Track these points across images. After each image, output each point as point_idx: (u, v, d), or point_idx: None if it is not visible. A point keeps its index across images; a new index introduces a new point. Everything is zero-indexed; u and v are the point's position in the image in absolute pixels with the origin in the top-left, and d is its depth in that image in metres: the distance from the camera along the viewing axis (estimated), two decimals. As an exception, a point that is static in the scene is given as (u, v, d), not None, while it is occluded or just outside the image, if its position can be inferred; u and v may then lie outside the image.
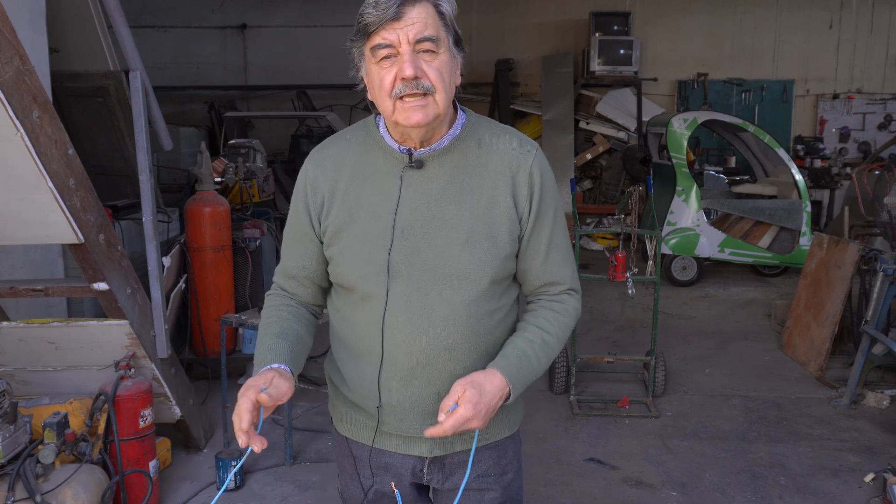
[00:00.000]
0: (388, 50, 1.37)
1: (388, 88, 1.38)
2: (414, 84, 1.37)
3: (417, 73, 1.36)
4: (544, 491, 3.44)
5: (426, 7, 1.37)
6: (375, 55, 1.38)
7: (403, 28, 1.35)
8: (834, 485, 3.51)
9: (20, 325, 3.15)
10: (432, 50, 1.38)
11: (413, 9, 1.36)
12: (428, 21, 1.37)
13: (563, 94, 9.99)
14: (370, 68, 1.42)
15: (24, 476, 2.67)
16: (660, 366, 4.50)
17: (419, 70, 1.36)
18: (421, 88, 1.37)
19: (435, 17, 1.39)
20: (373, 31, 1.36)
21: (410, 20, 1.35)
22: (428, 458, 1.58)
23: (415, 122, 1.39)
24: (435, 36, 1.38)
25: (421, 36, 1.36)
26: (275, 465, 3.64)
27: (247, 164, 6.08)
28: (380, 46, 1.37)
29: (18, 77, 2.46)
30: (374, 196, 1.49)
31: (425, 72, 1.37)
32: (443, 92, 1.40)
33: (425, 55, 1.38)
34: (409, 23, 1.35)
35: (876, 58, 10.36)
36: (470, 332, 1.48)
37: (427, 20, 1.37)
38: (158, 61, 10.04)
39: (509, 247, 1.50)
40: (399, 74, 1.37)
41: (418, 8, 1.36)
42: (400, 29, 1.35)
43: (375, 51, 1.38)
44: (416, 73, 1.36)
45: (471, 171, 1.49)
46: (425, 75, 1.37)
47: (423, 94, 1.38)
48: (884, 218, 5.24)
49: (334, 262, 1.53)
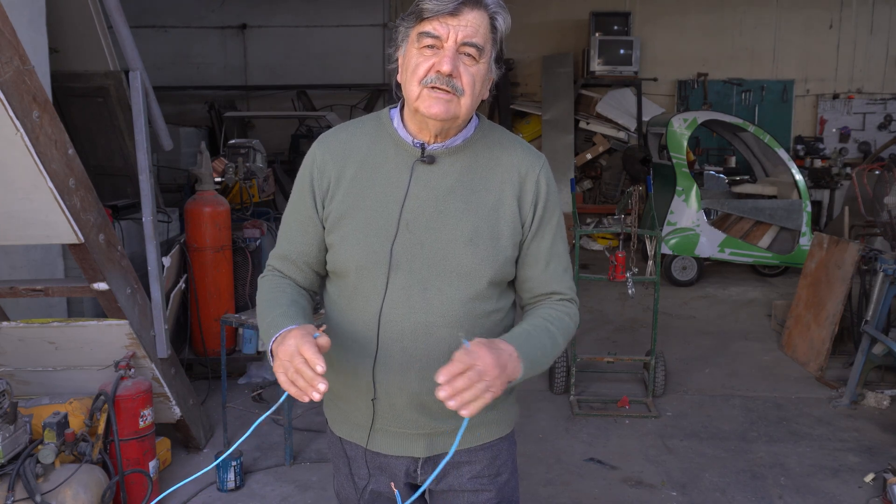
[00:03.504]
0: (434, 41, 1.39)
1: (420, 75, 1.40)
2: (446, 80, 1.39)
3: (453, 73, 1.39)
4: (544, 491, 3.44)
5: (483, 15, 1.40)
6: (420, 41, 1.40)
7: (456, 26, 1.38)
8: (834, 485, 3.51)
9: (20, 325, 3.15)
10: (474, 56, 1.40)
11: (471, 12, 1.38)
12: (480, 29, 1.39)
13: (563, 94, 9.99)
14: (410, 51, 1.44)
15: (24, 476, 2.67)
16: (660, 366, 4.50)
17: (455, 70, 1.39)
18: (451, 87, 1.39)
19: (487, 28, 1.41)
20: (426, 17, 1.38)
21: (465, 21, 1.38)
22: (421, 459, 1.58)
23: (434, 112, 1.41)
24: (482, 45, 1.40)
25: (469, 40, 1.38)
26: (275, 465, 3.64)
27: (247, 164, 6.08)
28: (427, 35, 1.39)
29: (18, 77, 2.46)
30: (382, 186, 1.49)
31: (461, 73, 1.40)
32: (469, 97, 1.42)
33: (466, 59, 1.40)
34: (462, 23, 1.38)
35: (876, 58, 10.36)
36: (467, 329, 1.48)
37: (479, 27, 1.39)
38: (158, 61, 10.04)
39: (510, 250, 1.51)
40: (436, 66, 1.39)
41: (476, 13, 1.39)
42: (452, 25, 1.38)
43: (422, 37, 1.40)
44: (451, 72, 1.38)
45: (480, 172, 1.51)
46: (460, 77, 1.40)
47: (451, 92, 1.40)
48: (884, 218, 5.23)
49: (334, 248, 1.52)
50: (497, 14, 1.42)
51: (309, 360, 1.24)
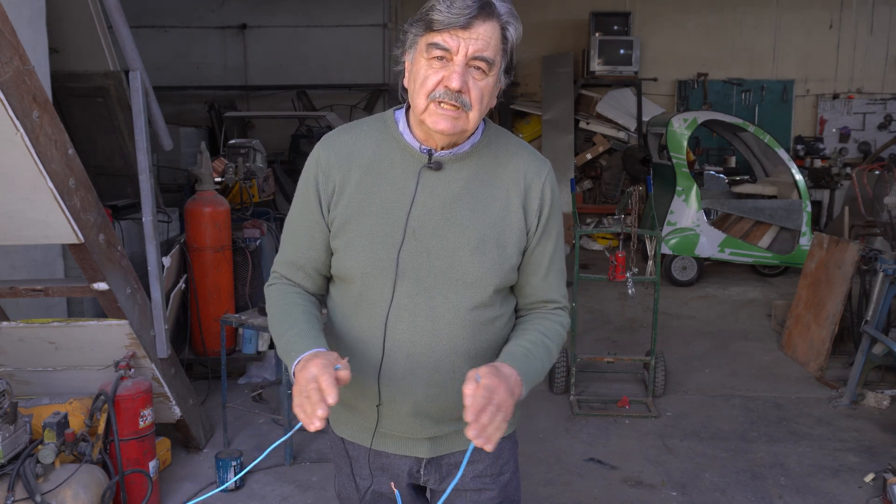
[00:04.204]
0: (443, 52, 1.37)
1: (429, 88, 1.39)
2: (455, 96, 1.37)
3: (462, 89, 1.37)
4: (544, 491, 3.44)
5: (494, 27, 1.38)
6: (430, 52, 1.38)
7: (467, 39, 1.36)
8: (834, 485, 3.51)
9: (20, 325, 3.15)
10: (483, 70, 1.39)
11: (483, 25, 1.36)
12: (491, 42, 1.37)
13: (563, 94, 9.99)
14: (418, 60, 1.42)
15: (24, 476, 2.67)
16: (660, 366, 4.50)
17: (465, 86, 1.37)
18: (459, 102, 1.38)
19: (498, 40, 1.39)
20: (437, 29, 1.36)
21: (476, 34, 1.36)
22: (424, 459, 1.58)
23: (440, 128, 1.40)
24: (492, 59, 1.38)
25: (479, 54, 1.37)
26: (275, 465, 3.64)
27: (247, 164, 6.08)
28: (437, 47, 1.37)
29: (18, 77, 2.46)
30: (388, 192, 1.48)
31: (469, 89, 1.38)
32: (477, 111, 1.41)
33: (475, 72, 1.39)
34: (474, 36, 1.36)
35: (876, 58, 10.35)
36: (471, 337, 1.48)
37: (490, 41, 1.37)
38: (158, 61, 10.02)
39: (515, 258, 1.51)
40: (444, 82, 1.37)
41: (487, 25, 1.36)
42: (463, 39, 1.36)
43: (431, 48, 1.38)
44: (461, 88, 1.37)
45: (487, 179, 1.50)
46: (468, 92, 1.38)
47: (459, 108, 1.39)
48: (884, 218, 5.24)
49: (339, 254, 1.51)
50: (509, 24, 1.40)
51: (323, 391, 1.24)
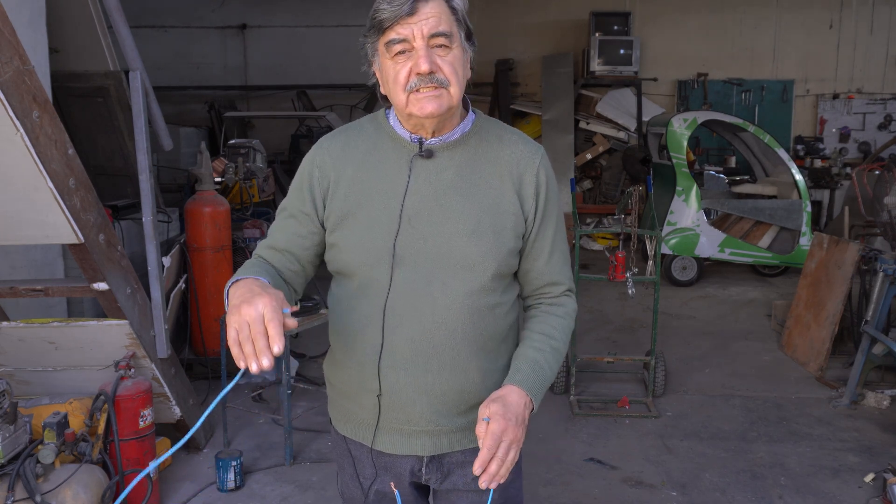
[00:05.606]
0: (402, 45, 1.39)
1: (402, 83, 1.41)
2: (429, 78, 1.39)
3: (433, 68, 1.39)
4: (544, 491, 3.44)
5: (439, 3, 1.40)
6: (390, 50, 1.41)
7: (418, 23, 1.38)
8: (834, 485, 3.51)
9: (20, 325, 3.15)
10: (446, 45, 1.41)
11: (427, 4, 1.38)
12: (441, 16, 1.40)
13: (563, 94, 9.99)
14: (384, 63, 1.44)
15: (24, 476, 2.67)
16: (660, 366, 4.50)
17: (434, 65, 1.39)
18: (435, 82, 1.40)
19: (448, 13, 1.41)
20: (387, 26, 1.39)
21: (424, 15, 1.38)
22: (426, 458, 1.58)
23: (428, 111, 1.41)
24: (448, 31, 1.40)
25: (435, 31, 1.39)
26: (275, 465, 3.64)
27: (247, 164, 6.09)
28: (394, 41, 1.39)
29: (18, 77, 2.46)
30: (382, 183, 1.50)
31: (440, 66, 1.40)
32: (456, 85, 1.43)
33: (439, 50, 1.41)
34: (423, 18, 1.38)
35: (876, 58, 10.36)
36: (470, 322, 1.49)
37: (441, 15, 1.40)
38: (158, 61, 10.03)
39: (513, 242, 1.52)
40: (414, 69, 1.39)
41: (431, 4, 1.39)
42: (414, 24, 1.38)
43: (390, 46, 1.40)
44: (431, 69, 1.39)
45: (479, 165, 1.52)
46: (440, 69, 1.40)
47: (438, 87, 1.41)
48: (884, 218, 5.23)
49: (337, 247, 1.53)
50: None
51: (270, 337, 1.19)
